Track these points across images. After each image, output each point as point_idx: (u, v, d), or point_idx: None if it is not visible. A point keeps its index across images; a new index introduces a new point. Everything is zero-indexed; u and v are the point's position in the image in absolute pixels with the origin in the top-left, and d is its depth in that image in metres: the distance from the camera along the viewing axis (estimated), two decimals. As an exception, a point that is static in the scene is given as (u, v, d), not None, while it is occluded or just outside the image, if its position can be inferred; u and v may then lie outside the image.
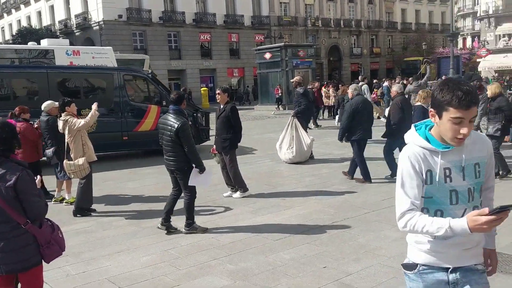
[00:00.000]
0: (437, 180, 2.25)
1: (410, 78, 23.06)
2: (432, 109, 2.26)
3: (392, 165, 8.69)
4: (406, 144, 2.38)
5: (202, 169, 6.00)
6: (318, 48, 43.22)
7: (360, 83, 18.21)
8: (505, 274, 4.52)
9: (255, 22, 45.30)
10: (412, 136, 2.36)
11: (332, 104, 21.41)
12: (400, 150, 2.45)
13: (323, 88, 22.62)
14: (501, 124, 8.25)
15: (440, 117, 2.20)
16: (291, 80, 12.38)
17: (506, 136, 11.13)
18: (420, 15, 60.84)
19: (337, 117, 17.72)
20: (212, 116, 11.05)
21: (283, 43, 32.09)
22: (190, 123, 7.51)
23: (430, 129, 2.34)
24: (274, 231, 6.08)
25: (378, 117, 19.64)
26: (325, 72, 50.01)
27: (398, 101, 8.80)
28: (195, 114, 12.94)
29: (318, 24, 49.39)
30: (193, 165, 5.99)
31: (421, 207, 2.29)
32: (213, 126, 9.37)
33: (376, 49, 55.92)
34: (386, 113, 19.88)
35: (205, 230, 6.21)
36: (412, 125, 2.43)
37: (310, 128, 13.98)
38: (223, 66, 43.73)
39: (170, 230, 6.19)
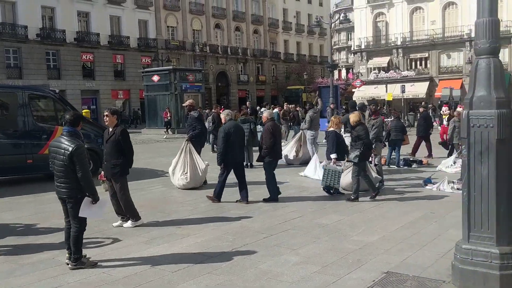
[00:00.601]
0: None
1: (292, 106, 24.21)
2: None
3: (273, 189, 9.06)
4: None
5: (95, 199, 5.52)
6: (206, 74, 43.52)
7: (274, 110, 20.71)
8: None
9: (142, 44, 44.41)
10: None
11: None
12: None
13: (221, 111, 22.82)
14: (360, 151, 8.74)
15: None
16: (184, 104, 12.13)
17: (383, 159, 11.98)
18: (301, 46, 64.54)
19: None
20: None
21: (171, 67, 31.81)
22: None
23: None
24: (172, 262, 5.74)
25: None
26: (214, 97, 50.46)
27: (269, 126, 9.10)
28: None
29: (206, 50, 49.89)
30: (86, 194, 5.50)
31: None
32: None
33: (262, 77, 57.93)
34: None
35: (94, 265, 5.66)
36: None
37: None
38: (107, 88, 41.98)
39: (82, 261, 5.61)
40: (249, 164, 13.39)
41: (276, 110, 22.13)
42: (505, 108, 4.48)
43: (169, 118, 28.55)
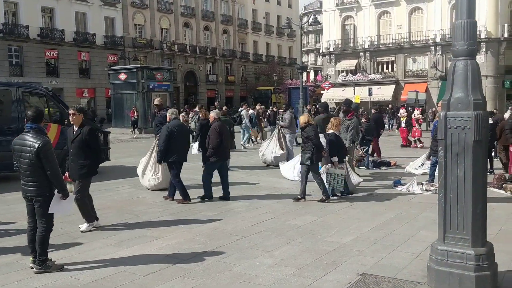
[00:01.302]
0: None
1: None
2: None
3: (207, 188, 9.05)
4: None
5: (65, 195, 5.38)
6: (174, 73, 43.03)
7: (250, 111, 20.86)
8: (378, 296, 4.65)
9: (108, 42, 43.51)
10: None
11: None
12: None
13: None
14: (311, 153, 8.68)
15: None
16: (155, 102, 11.86)
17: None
18: (271, 47, 64.71)
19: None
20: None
21: (139, 65, 31.28)
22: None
23: None
24: (142, 265, 5.53)
25: (255, 140, 20.23)
26: (182, 96, 49.95)
27: (216, 126, 9.07)
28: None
29: (174, 49, 49.34)
30: (55, 191, 5.33)
31: None
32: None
33: (231, 77, 57.75)
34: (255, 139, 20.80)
35: (60, 268, 5.41)
36: None
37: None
38: (72, 86, 40.91)
39: (47, 265, 5.37)
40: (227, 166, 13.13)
41: (251, 111, 22.07)
42: (482, 109, 4.50)
43: (136, 117, 28.04)
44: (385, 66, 44.89)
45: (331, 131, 9.38)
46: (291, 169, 11.33)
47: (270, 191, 10.19)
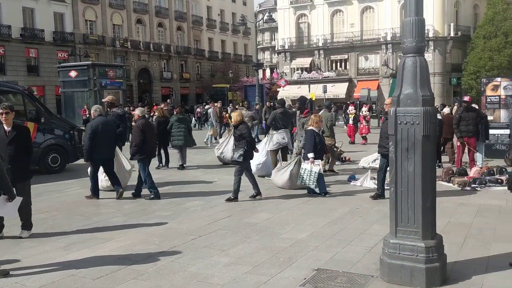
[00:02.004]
0: None
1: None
2: None
3: (151, 186, 9.04)
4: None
5: (12, 196, 5.22)
6: (127, 70, 42.12)
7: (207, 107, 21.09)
8: (333, 291, 4.69)
9: (57, 38, 41.95)
10: None
11: None
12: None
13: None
14: (244, 150, 8.63)
15: None
16: (103, 100, 11.53)
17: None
18: (226, 45, 64.46)
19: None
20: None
21: (90, 62, 30.41)
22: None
23: None
24: (93, 269, 5.35)
25: (215, 138, 20.10)
26: (136, 94, 48.96)
27: (140, 124, 9.09)
28: (71, 132, 12.81)
29: (127, 46, 48.25)
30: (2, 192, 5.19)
31: None
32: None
33: (186, 74, 57.09)
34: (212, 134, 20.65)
35: (6, 274, 5.14)
36: None
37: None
38: (20, 83, 38.96)
39: None
40: (180, 165, 12.96)
41: (211, 108, 21.97)
42: (430, 105, 4.62)
43: (87, 115, 27.21)
44: (338, 64, 45.65)
45: (310, 127, 9.24)
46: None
47: (226, 189, 10.09)
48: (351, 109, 22.87)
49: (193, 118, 29.08)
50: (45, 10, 41.18)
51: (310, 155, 9.00)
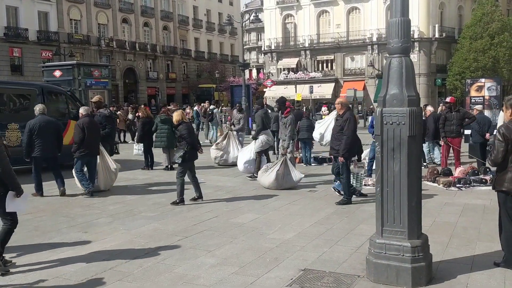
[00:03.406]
0: None
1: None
2: None
3: (82, 180, 9.28)
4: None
5: (19, 192, 5.28)
6: (113, 70, 41.75)
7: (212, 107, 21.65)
8: (319, 291, 4.69)
9: (42, 38, 41.48)
10: None
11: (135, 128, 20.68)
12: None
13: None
14: (184, 151, 8.42)
15: None
16: (93, 100, 11.40)
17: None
18: (212, 45, 64.32)
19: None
20: None
21: (75, 61, 30.04)
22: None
23: None
24: (77, 270, 5.29)
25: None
26: (121, 94, 48.59)
27: (81, 122, 9.35)
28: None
29: (112, 45, 47.88)
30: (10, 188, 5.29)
31: None
32: None
33: (172, 74, 56.83)
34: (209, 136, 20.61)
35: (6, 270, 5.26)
36: None
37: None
38: (3, 83, 38.63)
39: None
40: (168, 166, 12.87)
41: (196, 108, 21.89)
42: (416, 106, 4.64)
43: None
44: (325, 64, 45.82)
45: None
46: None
47: (213, 189, 10.08)
48: (324, 110, 22.81)
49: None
50: (29, 9, 40.69)
51: (353, 158, 8.52)
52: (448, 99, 12.50)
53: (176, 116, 8.74)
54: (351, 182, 8.71)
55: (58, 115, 12.85)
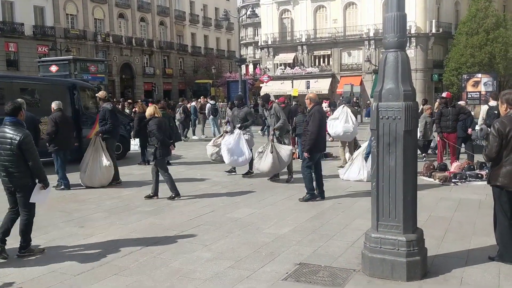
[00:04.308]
0: None
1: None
2: None
3: (61, 174, 9.50)
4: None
5: (46, 185, 5.55)
6: (109, 65, 41.58)
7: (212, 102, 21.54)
8: (311, 284, 4.70)
9: (38, 32, 41.27)
10: None
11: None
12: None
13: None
14: (154, 148, 8.39)
15: None
16: (100, 95, 11.29)
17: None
18: (209, 40, 64.12)
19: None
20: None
21: (71, 56, 29.94)
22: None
23: None
24: (73, 265, 5.30)
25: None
26: (118, 89, 48.44)
27: (53, 117, 9.43)
28: (130, 123, 14.25)
29: (109, 40, 47.69)
30: (37, 181, 5.51)
31: None
32: None
33: (169, 69, 56.66)
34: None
35: (42, 251, 5.74)
36: None
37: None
38: (-1, 78, 38.45)
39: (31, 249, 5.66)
40: (145, 162, 12.87)
41: (193, 103, 21.89)
42: (411, 100, 4.65)
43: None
44: (321, 59, 45.74)
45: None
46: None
47: (209, 184, 10.09)
48: (325, 105, 22.80)
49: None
50: (25, 3, 40.44)
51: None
52: (444, 94, 12.50)
53: (148, 110, 8.79)
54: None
55: (88, 109, 13.58)
